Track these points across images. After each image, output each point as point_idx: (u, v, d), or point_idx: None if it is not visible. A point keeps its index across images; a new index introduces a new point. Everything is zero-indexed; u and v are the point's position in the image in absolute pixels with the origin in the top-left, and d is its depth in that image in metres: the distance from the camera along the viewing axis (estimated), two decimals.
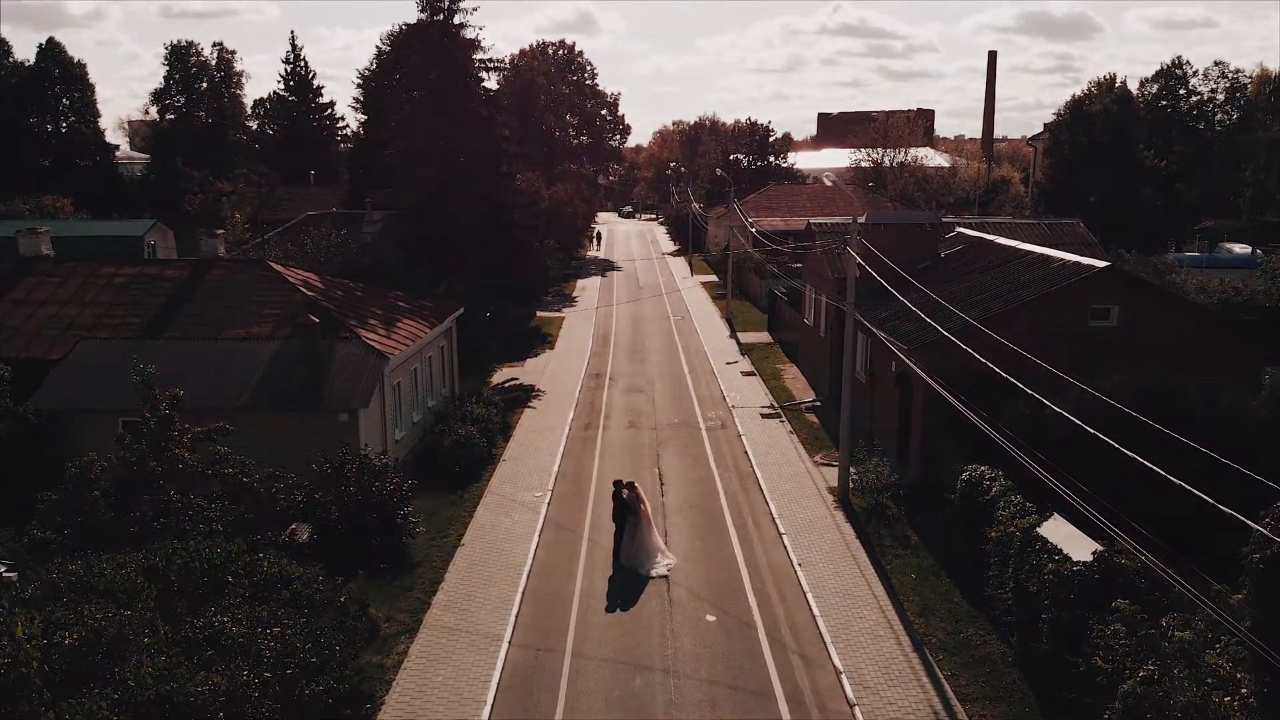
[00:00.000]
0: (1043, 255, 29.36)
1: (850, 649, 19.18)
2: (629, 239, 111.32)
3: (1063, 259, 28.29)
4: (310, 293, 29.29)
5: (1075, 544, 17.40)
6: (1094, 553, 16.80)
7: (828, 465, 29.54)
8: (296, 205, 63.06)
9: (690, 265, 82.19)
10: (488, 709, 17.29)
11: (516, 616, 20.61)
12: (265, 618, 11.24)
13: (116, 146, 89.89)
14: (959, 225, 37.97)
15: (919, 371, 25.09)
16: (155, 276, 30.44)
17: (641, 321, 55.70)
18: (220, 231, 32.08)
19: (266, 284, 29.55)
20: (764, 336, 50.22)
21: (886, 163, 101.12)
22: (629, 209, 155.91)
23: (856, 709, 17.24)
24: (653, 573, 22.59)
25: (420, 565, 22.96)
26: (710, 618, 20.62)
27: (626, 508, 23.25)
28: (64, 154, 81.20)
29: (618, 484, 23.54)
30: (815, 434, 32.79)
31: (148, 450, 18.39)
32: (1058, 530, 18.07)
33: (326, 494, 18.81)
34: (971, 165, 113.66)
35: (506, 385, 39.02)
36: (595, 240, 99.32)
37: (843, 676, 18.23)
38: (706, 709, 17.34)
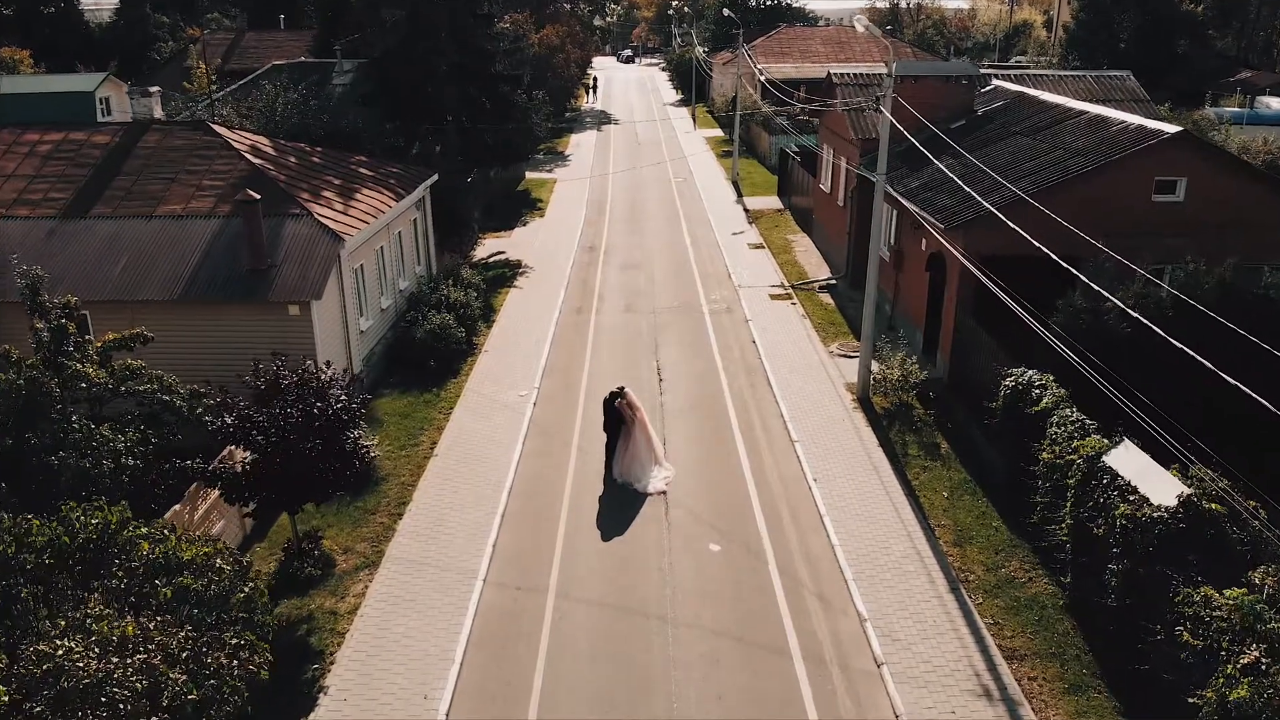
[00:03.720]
0: (1099, 116, 25.48)
1: (875, 588, 16.61)
2: (628, 87, 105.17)
3: (1123, 121, 24.48)
4: (257, 160, 25.58)
5: (1153, 480, 14.50)
6: (1179, 496, 13.93)
7: (844, 357, 26.51)
8: (264, 54, 57.74)
9: (694, 117, 77.08)
10: (455, 667, 14.82)
11: (494, 546, 18.00)
12: (131, 636, 8.48)
13: None
14: (996, 78, 33.70)
15: (958, 254, 21.75)
16: (83, 143, 26.56)
17: (640, 184, 51.63)
18: (155, 89, 28.05)
19: (207, 150, 25.77)
20: (773, 201, 46.36)
21: (903, 4, 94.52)
22: (628, 53, 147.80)
23: (884, 669, 14.74)
24: (650, 489, 19.90)
25: (387, 481, 20.29)
26: (714, 547, 18.01)
27: (619, 418, 20.36)
28: (26, 1, 75.08)
29: (610, 397, 20.57)
30: (830, 318, 29.62)
31: (43, 368, 15.30)
32: (1130, 461, 15.14)
33: (262, 414, 15.84)
34: (992, 7, 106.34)
35: (491, 260, 35.69)
36: (591, 90, 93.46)
37: (867, 625, 15.70)
38: (709, 667, 14.85)
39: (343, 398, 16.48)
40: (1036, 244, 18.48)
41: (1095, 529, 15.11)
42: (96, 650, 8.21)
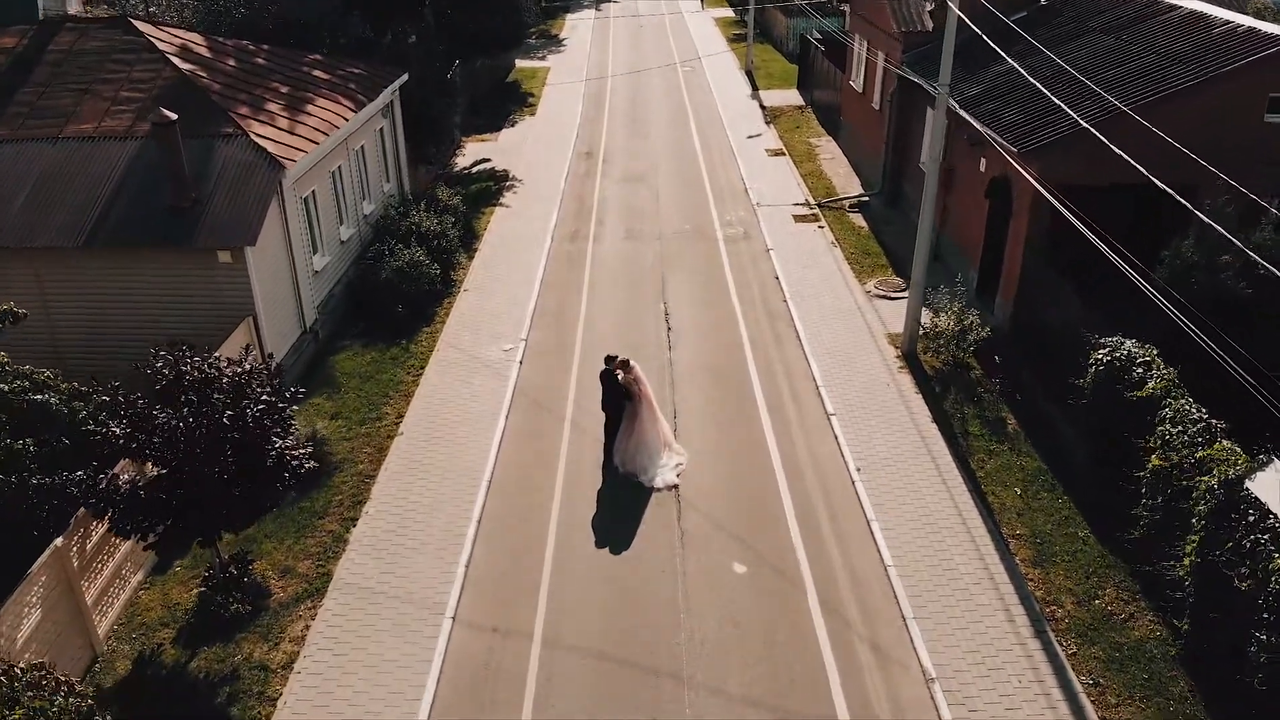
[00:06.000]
0: (1196, 14, 20.99)
1: (941, 631, 13.29)
2: None
3: (1228, 21, 20.11)
4: (186, 65, 21.25)
5: None
6: None
7: (884, 298, 22.71)
8: None
9: None
10: None
11: (467, 567, 14.65)
12: None
13: None
14: None
15: (1033, 182, 17.72)
16: None
17: (643, 75, 46.67)
18: None
19: (127, 54, 21.43)
20: (793, 96, 41.58)
21: None
22: None
23: None
24: (657, 483, 16.45)
25: (341, 470, 16.85)
26: (739, 568, 14.65)
27: (621, 393, 16.75)
28: None
29: (609, 361, 16.87)
30: (865, 247, 25.62)
31: None
32: None
33: (164, 416, 12.27)
34: None
35: (474, 171, 31.49)
36: None
37: (935, 688, 12.43)
38: None
39: (265, 396, 12.83)
40: (1149, 176, 14.53)
41: (1235, 580, 11.70)
42: None
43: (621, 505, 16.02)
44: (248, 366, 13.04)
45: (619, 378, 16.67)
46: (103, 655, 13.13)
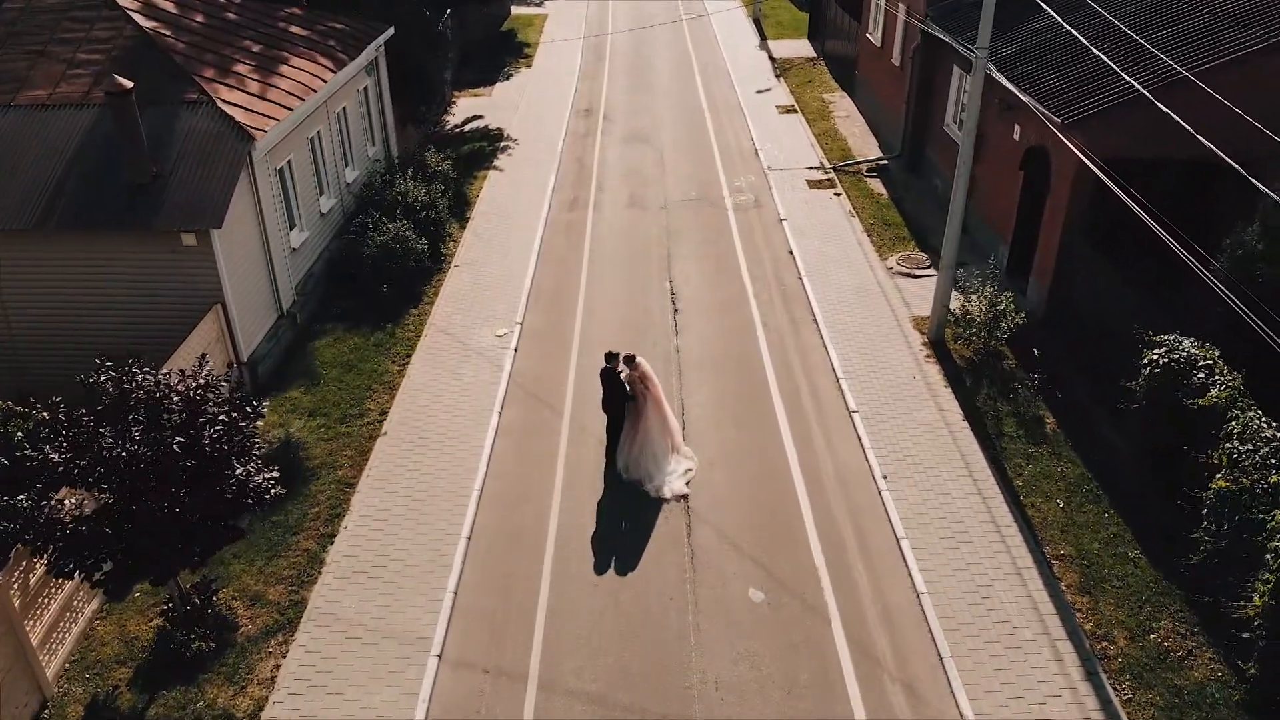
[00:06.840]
0: None
1: (983, 672, 11.97)
2: None
3: None
4: (149, 23, 19.38)
5: None
6: None
7: (907, 276, 21.10)
8: None
9: None
10: None
11: (455, 594, 13.29)
12: None
13: None
14: None
15: (1081, 155, 16.03)
16: None
17: (645, 22, 44.40)
18: None
19: (86, 10, 19.56)
20: (803, 47, 39.41)
21: None
22: None
23: None
24: (665, 492, 15.03)
25: (319, 476, 15.43)
26: (756, 595, 13.29)
27: (623, 391, 15.27)
28: None
29: (611, 358, 15.35)
30: (885, 217, 23.89)
31: None
32: None
33: (108, 437, 10.82)
34: None
35: (466, 130, 29.66)
36: None
37: None
38: None
39: (223, 416, 11.34)
40: (1219, 153, 12.89)
41: None
42: None
43: (625, 518, 14.62)
44: (203, 380, 11.53)
45: (621, 375, 15.17)
46: (53, 699, 11.84)
